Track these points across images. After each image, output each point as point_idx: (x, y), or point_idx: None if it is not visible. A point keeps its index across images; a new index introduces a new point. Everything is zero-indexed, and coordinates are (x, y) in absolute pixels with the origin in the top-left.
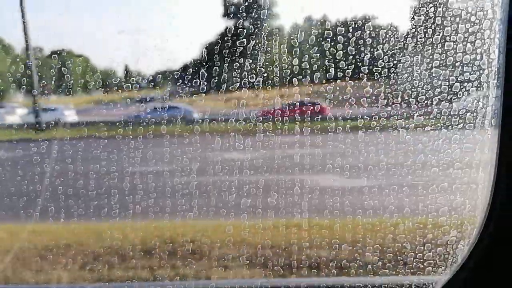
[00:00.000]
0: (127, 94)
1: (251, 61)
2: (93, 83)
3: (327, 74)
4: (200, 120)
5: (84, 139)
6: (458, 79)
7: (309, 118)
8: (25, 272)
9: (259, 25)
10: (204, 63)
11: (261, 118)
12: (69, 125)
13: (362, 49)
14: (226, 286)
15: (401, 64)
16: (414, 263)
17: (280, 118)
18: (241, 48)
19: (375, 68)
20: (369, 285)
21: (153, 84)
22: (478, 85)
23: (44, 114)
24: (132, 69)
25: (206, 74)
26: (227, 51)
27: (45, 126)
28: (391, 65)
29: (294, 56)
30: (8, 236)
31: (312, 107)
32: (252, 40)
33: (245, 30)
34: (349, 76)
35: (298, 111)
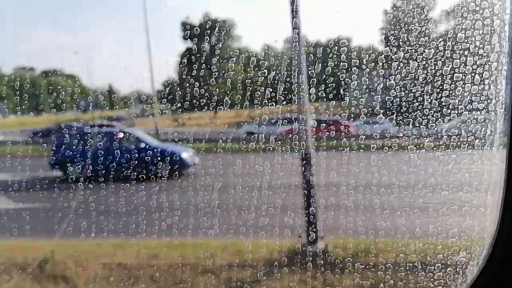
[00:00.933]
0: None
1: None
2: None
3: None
4: None
5: None
6: (467, 108)
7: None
8: None
9: (219, 46)
10: (175, 84)
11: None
12: None
13: (375, 79)
14: None
15: (412, 94)
16: (425, 283)
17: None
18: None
19: (387, 97)
20: None
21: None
22: (486, 113)
23: None
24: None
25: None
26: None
27: None
28: (403, 95)
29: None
30: None
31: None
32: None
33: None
34: (362, 104)
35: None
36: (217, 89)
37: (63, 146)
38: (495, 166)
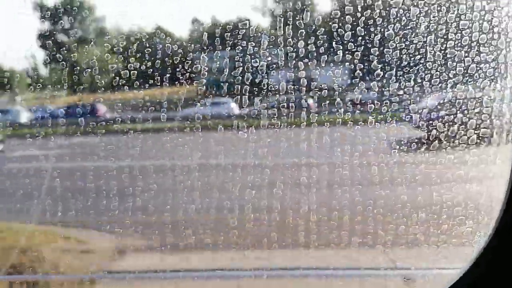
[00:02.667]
0: None
1: None
2: None
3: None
4: None
5: None
6: (474, 60)
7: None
8: None
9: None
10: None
11: None
12: None
13: (372, 29)
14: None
15: (414, 45)
16: (429, 255)
17: None
18: None
19: (386, 49)
20: (382, 277)
21: None
22: (496, 66)
23: None
24: None
25: None
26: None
27: None
28: (403, 46)
29: None
30: None
31: None
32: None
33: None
34: (358, 58)
35: None
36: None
37: None
38: (505, 125)
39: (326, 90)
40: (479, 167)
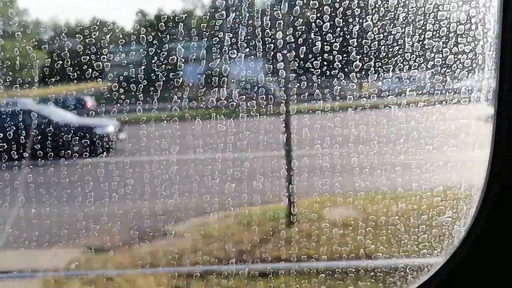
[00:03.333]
0: None
1: None
2: None
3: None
4: None
5: None
6: (452, 51)
7: None
8: None
9: None
10: None
11: None
12: None
13: (351, 20)
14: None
15: (392, 36)
16: (409, 245)
17: None
18: None
19: (364, 40)
20: (362, 269)
21: None
22: (473, 57)
23: None
24: None
25: None
26: None
27: None
28: (381, 37)
29: None
30: None
31: None
32: None
33: None
34: (337, 49)
35: None
36: None
37: None
38: (483, 116)
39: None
40: (458, 157)
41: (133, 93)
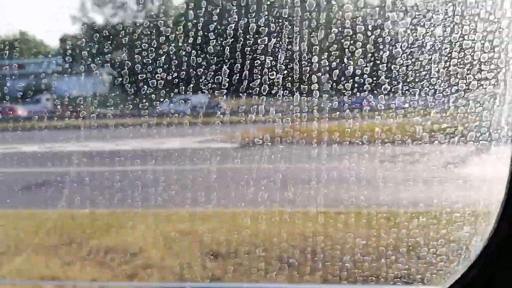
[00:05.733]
0: None
1: None
2: None
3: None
4: None
5: None
6: (476, 77)
7: None
8: None
9: None
10: None
11: None
12: None
13: (381, 47)
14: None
15: (419, 62)
16: (427, 258)
17: None
18: None
19: (393, 66)
20: (382, 277)
21: None
22: (495, 83)
23: None
24: None
25: None
26: None
27: None
28: (409, 63)
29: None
30: None
31: None
32: None
33: None
34: (367, 73)
35: None
36: None
37: None
38: (503, 138)
39: None
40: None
41: None
